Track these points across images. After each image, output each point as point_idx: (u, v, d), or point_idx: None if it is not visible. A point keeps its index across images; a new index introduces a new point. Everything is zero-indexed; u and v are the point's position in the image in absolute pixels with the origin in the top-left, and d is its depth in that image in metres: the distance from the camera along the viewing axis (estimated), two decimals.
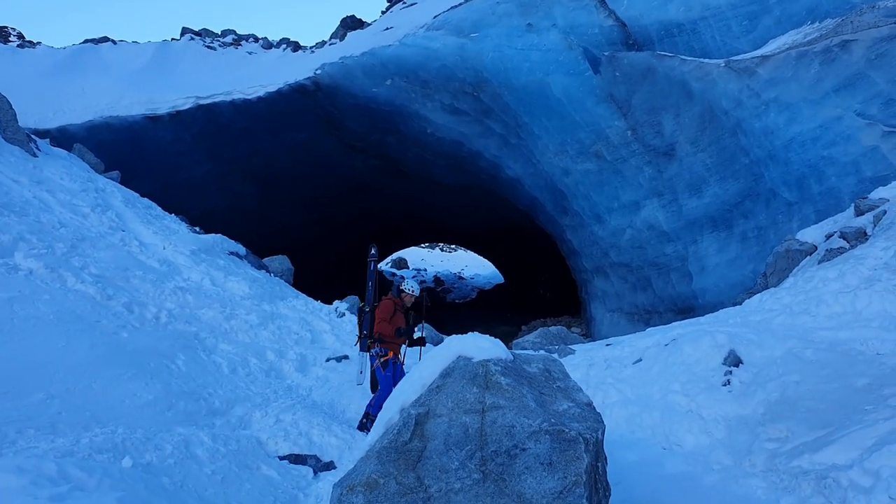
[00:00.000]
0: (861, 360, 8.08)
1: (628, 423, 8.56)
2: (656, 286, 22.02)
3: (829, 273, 10.80)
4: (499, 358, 6.05)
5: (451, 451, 5.54)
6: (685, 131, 19.58)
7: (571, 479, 5.22)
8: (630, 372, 9.74)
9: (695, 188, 19.93)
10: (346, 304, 13.37)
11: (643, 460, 7.56)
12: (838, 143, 15.92)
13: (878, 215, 12.51)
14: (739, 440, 7.52)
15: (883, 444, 6.18)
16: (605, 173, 22.19)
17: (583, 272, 26.13)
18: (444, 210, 36.10)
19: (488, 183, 27.91)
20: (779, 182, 17.29)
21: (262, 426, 8.03)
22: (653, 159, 20.84)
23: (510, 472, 5.38)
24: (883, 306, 9.28)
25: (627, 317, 23.29)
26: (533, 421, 5.50)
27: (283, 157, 27.72)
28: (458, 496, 5.43)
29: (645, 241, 21.90)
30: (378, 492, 5.56)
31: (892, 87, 15.23)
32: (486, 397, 5.71)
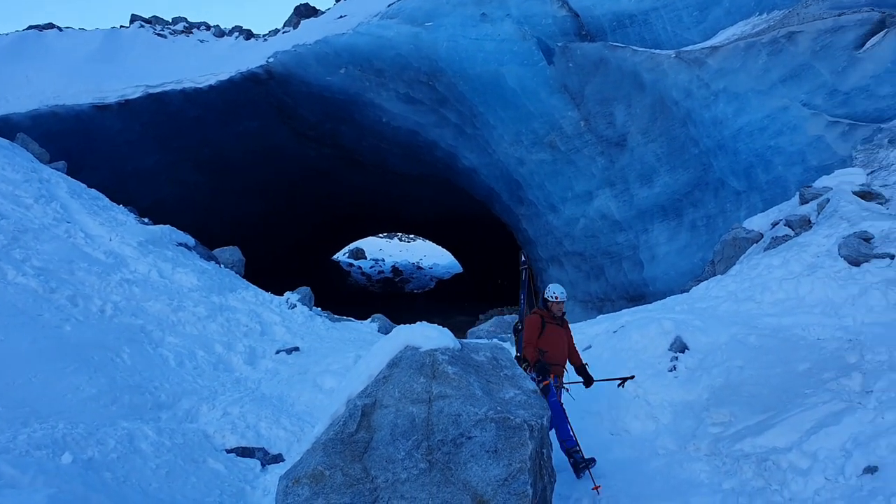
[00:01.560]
0: (803, 345, 8.28)
1: (577, 410, 8.64)
2: (609, 274, 22.27)
3: (773, 260, 11.02)
4: (446, 347, 6.05)
5: (397, 442, 5.54)
6: (637, 122, 19.78)
7: (516, 466, 5.26)
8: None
9: (646, 178, 20.17)
10: (297, 295, 13.26)
11: (590, 446, 7.65)
12: (785, 132, 16.22)
13: (821, 203, 12.80)
14: (685, 425, 7.65)
15: (821, 427, 6.35)
16: (560, 163, 22.33)
17: (538, 261, 26.31)
18: (401, 199, 36.01)
19: (445, 172, 27.91)
20: (727, 171, 17.58)
21: (210, 419, 7.94)
22: (605, 150, 21.03)
23: (456, 461, 5.40)
24: (825, 293, 9.50)
25: (581, 305, 23.53)
26: (479, 409, 5.52)
27: (235, 146, 27.35)
28: (405, 486, 5.43)
29: (598, 230, 22.12)
30: (324, 483, 5.54)
31: (835, 78, 15.57)
32: (433, 387, 5.71)
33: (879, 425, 6.07)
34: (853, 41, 15.40)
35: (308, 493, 5.52)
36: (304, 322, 12.26)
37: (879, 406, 6.35)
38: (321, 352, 10.83)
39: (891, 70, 14.82)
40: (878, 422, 6.12)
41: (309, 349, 10.97)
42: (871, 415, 6.26)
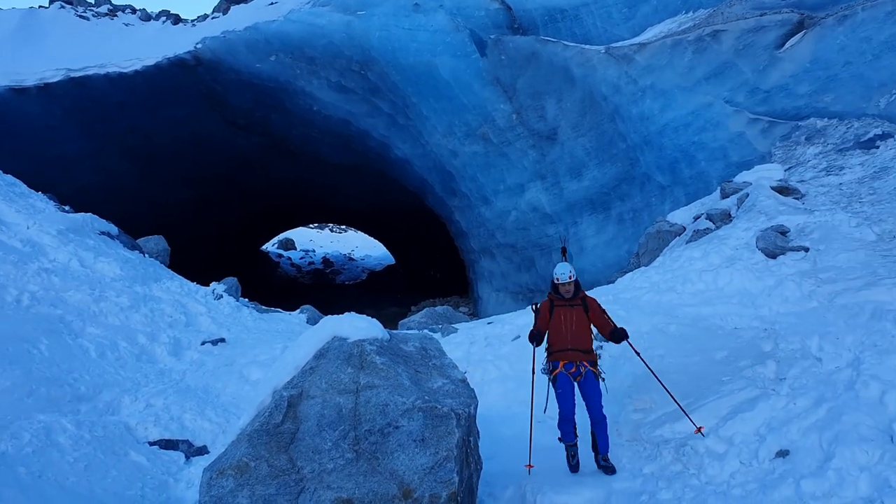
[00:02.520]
0: (721, 334, 8.56)
1: (505, 399, 8.77)
2: (539, 266, 22.58)
3: (694, 252, 11.35)
4: (375, 338, 6.06)
5: (324, 432, 5.52)
6: (567, 116, 20.07)
7: (443, 455, 5.31)
8: (509, 349, 9.96)
9: (576, 172, 20.49)
10: (223, 285, 13.03)
11: (518, 434, 7.75)
12: (708, 129, 16.70)
13: (741, 198, 13.23)
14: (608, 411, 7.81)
15: (736, 413, 6.58)
16: (492, 156, 22.49)
17: (470, 253, 26.47)
18: (333, 190, 35.70)
19: (377, 163, 27.79)
20: (653, 166, 18.00)
21: (132, 411, 7.76)
22: (537, 143, 21.27)
23: (383, 451, 5.42)
24: (742, 283, 9.84)
25: (512, 296, 23.79)
26: (407, 399, 5.55)
27: (162, 133, 26.65)
28: (332, 476, 5.42)
29: (529, 222, 22.38)
30: (249, 475, 5.48)
31: (757, 77, 16.09)
32: (361, 377, 5.71)
33: (791, 411, 6.33)
34: (774, 41, 15.94)
35: (233, 484, 5.46)
36: (230, 313, 12.06)
37: (792, 393, 6.62)
38: (248, 343, 10.69)
39: (808, 70, 15.40)
40: (790, 408, 6.39)
41: (235, 340, 10.81)
42: (784, 401, 6.52)
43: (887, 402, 5.77)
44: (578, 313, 6.99)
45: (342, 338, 5.97)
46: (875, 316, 7.38)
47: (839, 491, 5.08)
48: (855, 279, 8.57)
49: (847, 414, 5.78)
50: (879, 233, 9.90)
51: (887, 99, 14.49)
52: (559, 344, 6.93)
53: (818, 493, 5.15)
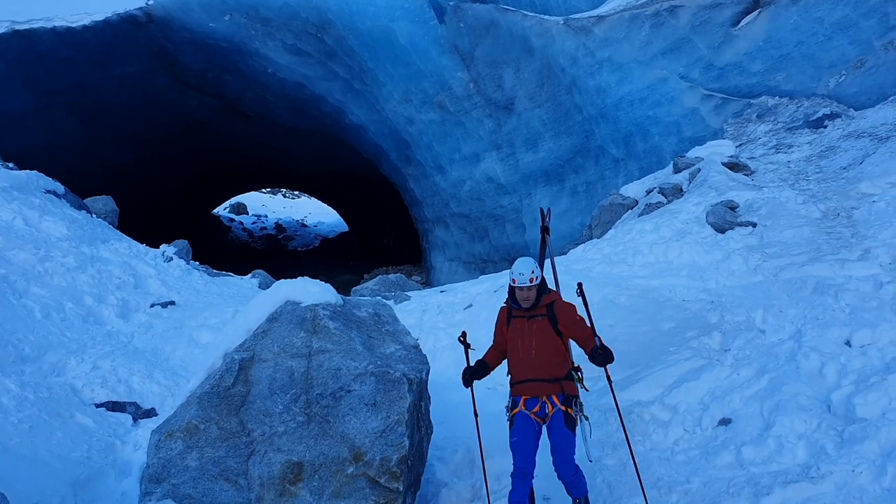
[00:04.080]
0: (669, 305, 8.74)
1: (457, 366, 8.76)
2: (493, 236, 22.67)
3: (646, 226, 11.52)
4: (328, 302, 6.04)
5: (275, 395, 5.51)
6: (524, 86, 20.05)
7: (394, 419, 5.35)
8: (461, 317, 10.02)
9: (531, 143, 20.54)
10: (173, 248, 12.80)
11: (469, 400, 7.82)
12: (663, 104, 16.87)
13: (693, 173, 13.44)
14: None
15: (682, 382, 6.75)
16: (448, 124, 22.39)
17: (424, 222, 26.44)
18: (286, 154, 35.21)
19: (332, 128, 27.46)
20: (608, 139, 18.14)
21: (78, 373, 7.62)
22: (493, 113, 21.23)
23: (335, 414, 5.43)
24: (691, 257, 10.04)
25: (465, 266, 23.89)
26: (359, 363, 5.56)
27: (112, 91, 25.87)
28: (282, 439, 5.42)
29: (483, 192, 22.41)
30: (198, 437, 5.45)
31: (712, 53, 16.26)
32: (314, 341, 5.70)
33: (734, 381, 6.52)
34: (729, 18, 16.10)
35: (181, 446, 5.43)
36: (180, 276, 11.88)
37: (735, 363, 6.81)
38: (198, 306, 10.56)
39: (762, 48, 15.62)
40: (733, 377, 6.58)
41: (185, 303, 10.66)
42: (728, 371, 6.71)
43: (826, 374, 5.97)
44: (541, 327, 5.32)
45: (295, 302, 5.94)
46: (817, 290, 7.60)
47: (778, 458, 5.27)
48: (799, 255, 8.80)
49: (787, 384, 5.98)
50: (824, 210, 10.16)
51: (836, 80, 14.80)
52: (517, 372, 5.38)
53: (758, 460, 5.33)
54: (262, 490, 5.33)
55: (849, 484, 4.66)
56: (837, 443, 5.14)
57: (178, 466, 5.39)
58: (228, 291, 11.99)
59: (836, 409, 5.50)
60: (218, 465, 5.40)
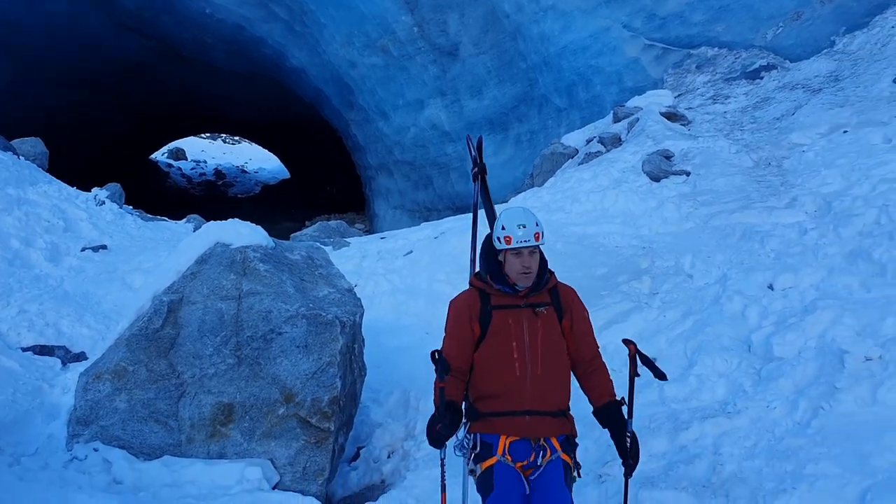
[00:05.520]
0: (602, 251, 8.89)
1: (396, 311, 8.88)
2: (437, 185, 22.62)
3: (584, 174, 11.62)
4: (259, 245, 5.97)
5: (205, 338, 5.47)
6: (469, 32, 19.81)
7: (326, 360, 5.36)
8: (401, 263, 10.03)
9: (476, 90, 20.41)
10: (106, 191, 12.44)
11: (407, 344, 7.91)
12: (605, 53, 16.87)
13: (632, 122, 13.57)
14: None
15: (611, 324, 6.92)
16: (392, 69, 22.04)
17: (367, 169, 26.21)
18: (226, 99, 34.33)
19: (273, 72, 26.80)
20: (551, 88, 18.13)
21: (3, 317, 7.42)
22: (438, 58, 20.97)
23: (266, 356, 5.42)
24: (626, 205, 10.20)
25: (409, 214, 23.83)
26: (290, 306, 5.54)
27: (41, 30, 24.69)
28: (213, 381, 5.41)
29: (428, 140, 22.26)
30: (127, 379, 5.40)
31: (654, 3, 16.25)
32: (244, 283, 5.65)
33: (661, 322, 6.71)
34: None
35: (109, 388, 5.37)
36: (113, 220, 11.58)
37: (663, 306, 7.00)
38: (131, 251, 10.33)
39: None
40: (660, 319, 6.77)
41: (118, 247, 10.42)
42: (655, 313, 6.90)
43: (748, 316, 6.18)
44: (548, 325, 3.57)
45: (225, 244, 5.86)
46: (744, 237, 7.81)
47: (698, 395, 5.46)
48: (729, 202, 9.01)
49: (711, 326, 6.17)
50: (756, 160, 10.39)
51: (774, 31, 14.99)
52: (503, 398, 3.51)
53: (679, 397, 5.53)
54: (193, 431, 5.33)
55: (763, 418, 4.86)
56: (755, 380, 5.35)
57: (106, 408, 5.35)
58: (163, 236, 11.75)
59: (756, 348, 5.71)
60: (147, 406, 5.37)
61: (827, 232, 7.09)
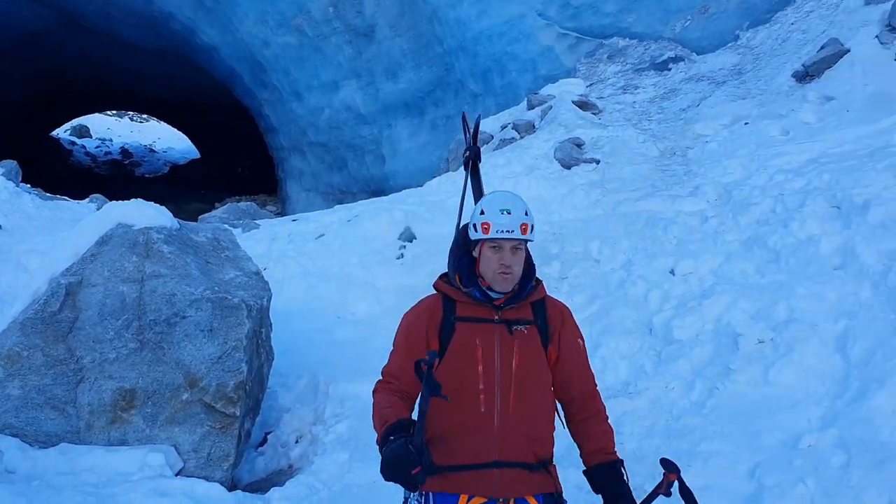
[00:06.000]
0: None
1: (306, 295, 8.78)
2: (351, 167, 22.44)
3: (498, 160, 11.74)
4: (162, 226, 5.80)
5: (106, 321, 5.29)
6: (385, 14, 19.65)
7: (231, 345, 5.27)
8: (312, 246, 9.92)
9: (392, 73, 20.29)
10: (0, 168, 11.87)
11: (317, 328, 7.86)
12: (520, 40, 17.03)
13: (545, 110, 13.76)
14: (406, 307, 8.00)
15: None
16: (306, 49, 21.67)
17: (280, 150, 25.76)
18: (134, 75, 33.07)
19: (183, 48, 25.95)
20: (467, 74, 18.20)
21: None
22: (353, 39, 20.73)
23: (169, 341, 5.28)
24: (538, 191, 10.36)
25: (322, 196, 23.57)
26: (195, 289, 5.41)
27: None
28: (114, 366, 5.24)
29: (342, 121, 22.03)
30: (21, 364, 5.18)
31: None
32: (147, 266, 5.48)
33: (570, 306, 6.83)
34: None
35: (2, 374, 5.14)
36: (8, 199, 11.04)
37: (571, 290, 7.17)
38: (28, 231, 9.89)
39: None
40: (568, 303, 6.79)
41: (13, 228, 9.96)
42: (564, 297, 7.02)
43: (650, 299, 6.39)
44: (527, 347, 2.78)
45: (127, 225, 5.66)
46: (649, 223, 8.05)
47: (602, 376, 5.60)
48: (635, 190, 9.27)
49: (616, 309, 6.36)
50: (662, 149, 10.71)
51: (682, 24, 15.44)
52: (465, 441, 2.71)
53: None
54: (92, 417, 5.16)
55: (661, 399, 5.05)
56: (655, 362, 5.55)
57: None
58: (63, 216, 11.29)
59: (657, 331, 5.92)
60: (43, 393, 5.17)
61: (726, 220, 7.38)
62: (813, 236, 6.25)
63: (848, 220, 6.26)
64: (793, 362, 4.85)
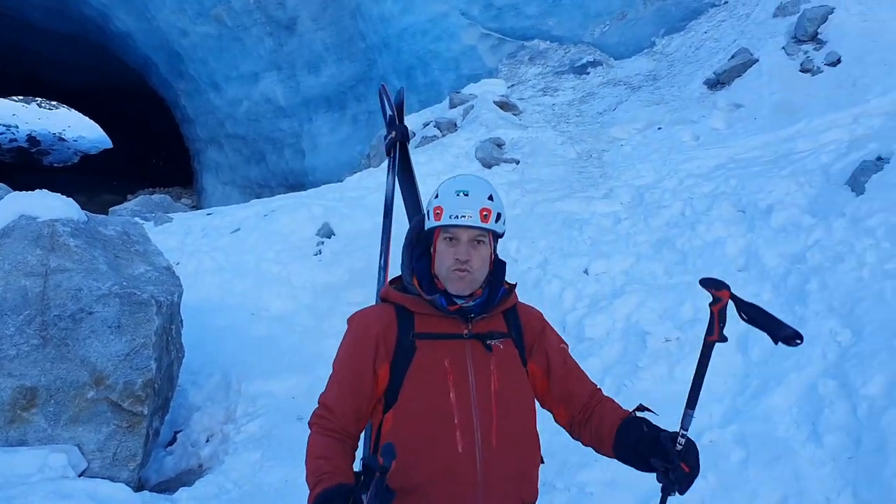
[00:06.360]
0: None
1: (220, 290, 8.60)
2: (270, 161, 22.11)
3: (420, 157, 11.73)
4: (69, 218, 5.59)
5: (6, 317, 5.07)
6: (308, 6, 19.43)
7: (140, 342, 5.13)
8: (227, 241, 9.72)
9: (313, 66, 20.09)
10: None
11: (231, 325, 7.71)
12: (443, 38, 17.10)
13: (467, 109, 13.85)
14: (323, 304, 8.04)
15: None
16: (226, 40, 21.23)
17: (196, 141, 25.15)
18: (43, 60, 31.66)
19: (96, 34, 25.01)
20: (390, 70, 18.16)
21: None
22: (274, 31, 20.43)
23: (74, 337, 5.10)
24: None
25: (240, 190, 23.14)
26: (103, 284, 5.24)
27: None
28: (14, 363, 5.03)
29: (262, 114, 21.69)
30: None
31: None
32: (51, 259, 5.27)
33: None
34: None
35: None
36: None
37: None
38: None
39: None
40: None
41: None
42: None
43: (564, 298, 6.53)
44: (504, 369, 2.29)
45: (31, 216, 5.42)
46: (565, 224, 8.22)
47: None
48: (553, 191, 9.44)
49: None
50: (579, 151, 10.93)
51: (601, 29, 15.79)
52: (438, 489, 2.15)
53: None
54: None
55: None
56: None
57: None
58: None
59: (570, 329, 6.05)
60: None
61: (638, 222, 7.60)
62: (719, 239, 6.52)
63: (752, 224, 6.56)
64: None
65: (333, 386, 2.31)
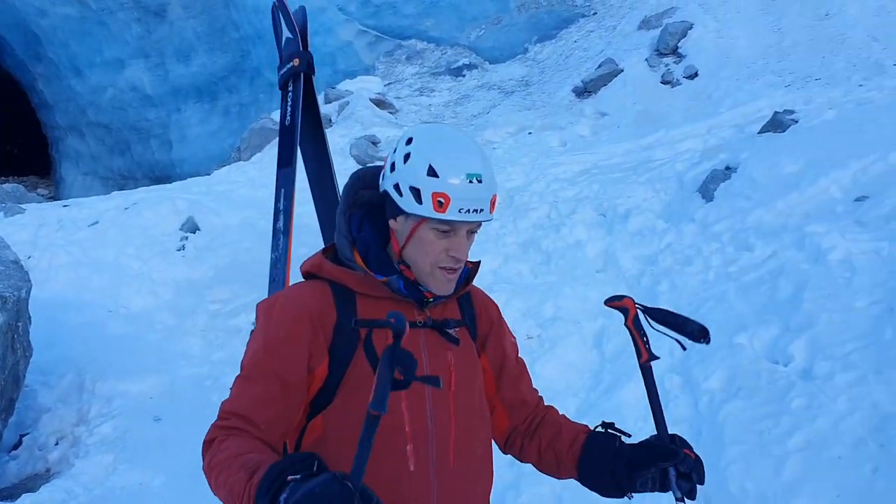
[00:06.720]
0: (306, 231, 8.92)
1: (76, 286, 8.16)
2: (135, 151, 21.17)
3: None
4: None
5: None
6: None
7: None
8: (85, 234, 9.25)
9: (183, 55, 19.39)
10: None
11: (87, 322, 7.34)
12: (320, 33, 16.86)
13: (342, 105, 13.77)
14: (185, 302, 7.77)
15: None
16: (89, 23, 20.11)
17: (56, 129, 23.69)
18: None
19: None
20: (264, 62, 17.77)
21: None
22: (143, 17, 19.56)
23: None
24: None
25: (102, 181, 21.98)
26: None
27: None
28: None
29: (127, 102, 20.70)
30: None
31: None
32: None
33: None
34: None
35: None
36: None
37: None
38: None
39: None
40: None
41: None
42: None
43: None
44: (464, 364, 1.81)
45: None
46: None
47: None
48: None
49: None
50: None
51: (477, 33, 16.09)
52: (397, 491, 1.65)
53: None
54: None
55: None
56: None
57: None
58: None
59: None
60: None
61: (507, 223, 7.78)
62: (580, 241, 6.79)
63: (611, 228, 6.87)
64: (556, 357, 5.22)
65: (248, 389, 1.66)
